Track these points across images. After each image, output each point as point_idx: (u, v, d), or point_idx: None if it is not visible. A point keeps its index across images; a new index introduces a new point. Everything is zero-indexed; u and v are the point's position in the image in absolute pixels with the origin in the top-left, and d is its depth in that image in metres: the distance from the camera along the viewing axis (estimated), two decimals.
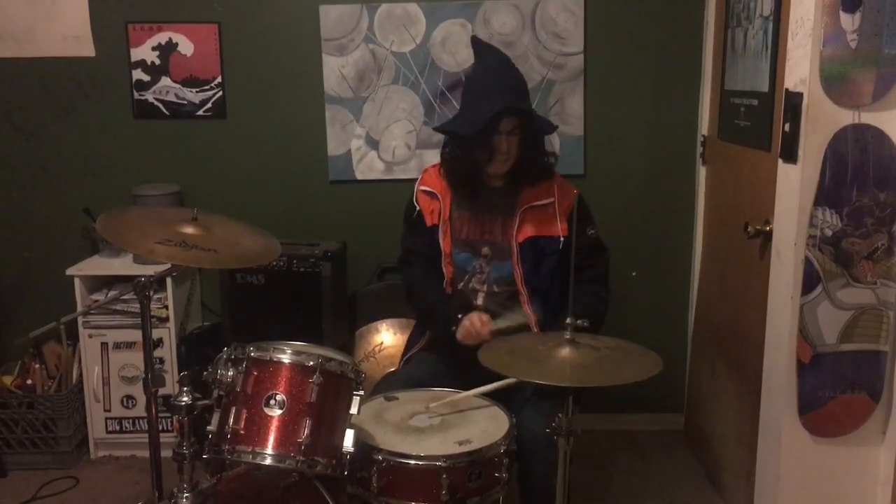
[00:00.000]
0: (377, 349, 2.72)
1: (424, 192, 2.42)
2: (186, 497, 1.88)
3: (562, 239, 2.29)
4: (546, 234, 2.30)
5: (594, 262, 2.34)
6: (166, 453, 1.99)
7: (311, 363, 1.82)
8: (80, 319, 3.07)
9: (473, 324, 2.21)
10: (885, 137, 2.03)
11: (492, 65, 2.33)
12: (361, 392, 1.88)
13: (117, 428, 3.18)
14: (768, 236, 2.35)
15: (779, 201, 2.26)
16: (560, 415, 1.80)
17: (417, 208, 2.41)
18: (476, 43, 2.44)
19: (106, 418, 3.17)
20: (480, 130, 2.18)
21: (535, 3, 3.14)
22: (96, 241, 3.27)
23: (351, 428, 1.84)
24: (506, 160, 2.27)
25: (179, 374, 2.32)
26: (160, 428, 2.22)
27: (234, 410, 1.81)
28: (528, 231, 2.31)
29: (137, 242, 1.99)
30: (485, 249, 2.36)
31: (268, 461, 1.78)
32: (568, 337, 1.83)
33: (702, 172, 3.21)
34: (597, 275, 2.35)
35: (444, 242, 2.37)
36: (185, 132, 3.29)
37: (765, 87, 2.43)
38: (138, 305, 2.01)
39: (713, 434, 3.00)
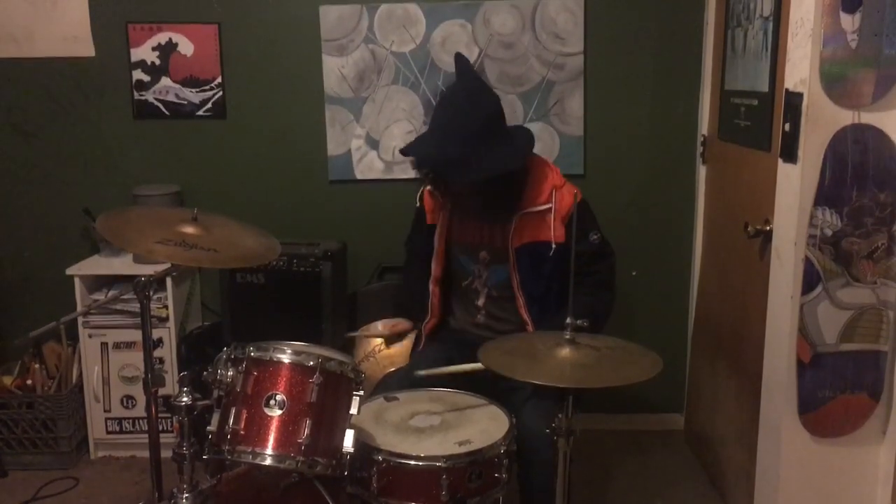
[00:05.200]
0: (377, 349, 2.71)
1: (430, 191, 2.45)
2: (186, 497, 1.88)
3: (554, 245, 2.27)
4: (541, 240, 2.29)
5: (597, 268, 2.33)
6: (166, 453, 1.99)
7: (311, 363, 1.82)
8: (80, 319, 3.07)
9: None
10: (885, 138, 2.03)
11: (449, 99, 2.29)
12: (361, 392, 1.88)
13: (117, 428, 3.18)
14: (768, 236, 2.35)
15: (779, 201, 2.26)
16: (560, 415, 1.80)
17: (418, 205, 2.50)
18: (456, 62, 2.36)
19: (106, 418, 3.17)
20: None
21: (535, 3, 3.14)
22: (96, 241, 3.28)
23: (351, 428, 1.84)
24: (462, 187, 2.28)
25: (179, 374, 2.32)
26: (160, 428, 2.21)
27: (233, 410, 1.80)
28: (524, 237, 2.30)
29: (137, 242, 1.99)
30: (482, 254, 2.37)
31: (268, 461, 1.78)
32: (568, 337, 1.83)
33: (702, 172, 3.21)
34: (599, 280, 2.34)
35: (438, 242, 2.42)
36: (185, 132, 3.29)
37: (765, 88, 2.43)
38: (138, 305, 2.00)
39: (713, 434, 3.00)
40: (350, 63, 3.21)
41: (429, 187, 2.45)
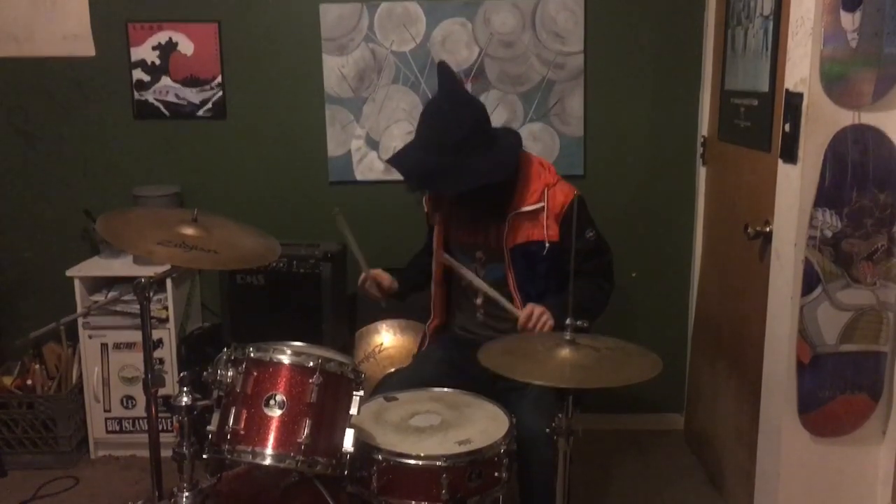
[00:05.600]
0: (377, 350, 2.72)
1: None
2: (186, 497, 1.87)
3: (547, 244, 2.28)
4: (534, 240, 2.29)
5: (593, 265, 2.34)
6: (166, 453, 1.99)
7: (311, 364, 1.82)
8: (80, 320, 3.07)
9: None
10: (885, 138, 2.03)
11: (431, 109, 2.30)
12: (361, 392, 1.88)
13: (117, 428, 3.18)
14: (768, 237, 2.35)
15: (779, 202, 2.26)
16: (560, 415, 1.80)
17: (426, 209, 2.53)
18: (439, 72, 2.36)
19: (106, 418, 3.17)
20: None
21: (536, 2, 3.14)
22: (96, 242, 3.28)
23: (351, 428, 1.84)
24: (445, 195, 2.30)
25: (179, 374, 2.32)
26: (160, 428, 2.21)
27: (233, 411, 1.80)
28: (518, 237, 2.30)
29: (137, 243, 1.99)
30: (478, 253, 2.38)
31: (268, 461, 1.78)
32: (568, 337, 1.83)
33: (702, 173, 3.20)
34: (597, 272, 2.35)
35: (436, 242, 2.44)
36: (185, 132, 3.29)
37: (765, 87, 2.43)
38: (138, 306, 2.01)
39: (713, 434, 3.00)
40: (350, 62, 3.21)
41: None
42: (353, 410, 1.85)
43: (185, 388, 1.89)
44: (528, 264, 2.30)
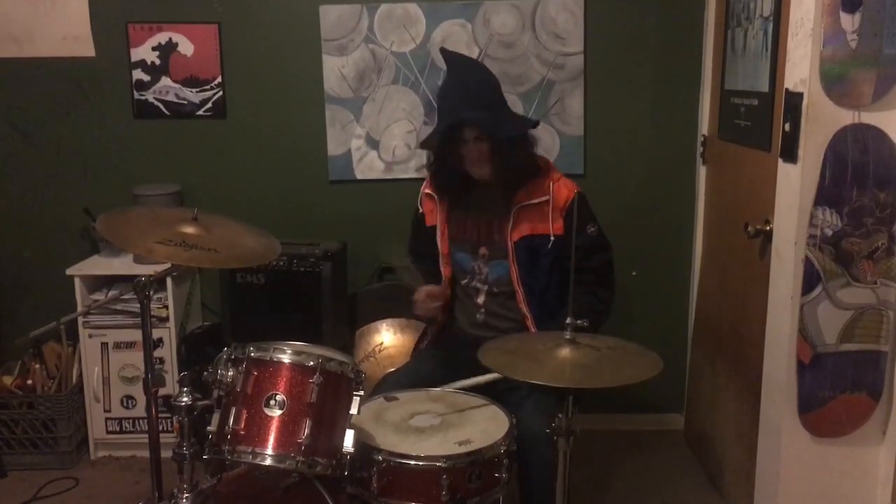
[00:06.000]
0: (377, 349, 2.72)
1: (428, 194, 2.48)
2: (186, 497, 1.87)
3: (552, 238, 2.29)
4: (539, 233, 2.30)
5: (595, 261, 2.34)
6: (166, 454, 1.99)
7: (312, 363, 1.82)
8: (81, 319, 3.07)
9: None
10: (885, 137, 2.03)
11: (456, 77, 2.35)
12: (361, 392, 1.88)
13: (117, 428, 3.18)
14: (768, 236, 2.35)
15: (779, 201, 2.26)
16: (560, 415, 1.80)
17: (420, 210, 2.51)
18: (444, 55, 2.42)
19: (106, 418, 3.17)
20: (446, 142, 2.29)
21: (535, 3, 3.14)
22: (96, 241, 3.28)
23: (351, 428, 1.84)
24: (481, 165, 2.29)
25: (179, 374, 2.32)
26: (160, 428, 2.21)
27: (234, 411, 1.80)
28: (523, 230, 2.31)
29: (137, 242, 1.99)
30: (482, 250, 2.38)
31: (268, 461, 1.78)
32: (568, 337, 1.83)
33: (702, 172, 3.20)
34: (598, 274, 2.35)
35: (442, 243, 2.43)
36: (185, 132, 3.29)
37: (765, 87, 2.43)
38: (138, 305, 2.01)
39: (713, 434, 3.00)
40: (350, 63, 3.21)
41: (426, 190, 2.46)
42: (354, 410, 1.85)
43: (185, 388, 1.89)
44: (531, 259, 2.31)
